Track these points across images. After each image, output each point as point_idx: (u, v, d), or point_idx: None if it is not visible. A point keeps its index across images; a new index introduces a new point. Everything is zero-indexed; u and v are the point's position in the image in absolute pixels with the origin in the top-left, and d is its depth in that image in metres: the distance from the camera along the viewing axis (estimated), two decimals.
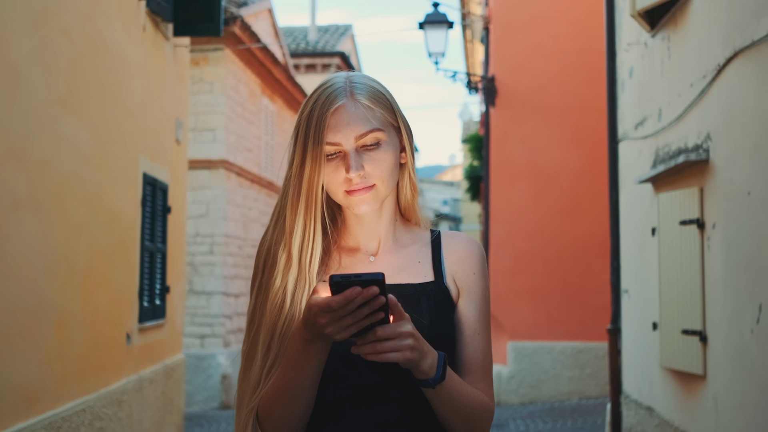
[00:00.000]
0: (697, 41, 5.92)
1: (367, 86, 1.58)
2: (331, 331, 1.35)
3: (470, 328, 1.61)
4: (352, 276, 1.32)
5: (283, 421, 1.52)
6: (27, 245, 4.62)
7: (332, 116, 1.52)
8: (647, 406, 7.24)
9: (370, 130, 1.53)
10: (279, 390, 1.50)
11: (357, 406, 1.53)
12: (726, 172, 5.38)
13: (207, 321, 12.11)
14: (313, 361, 1.45)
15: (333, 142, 1.52)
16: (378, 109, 1.56)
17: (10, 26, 4.41)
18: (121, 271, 6.39)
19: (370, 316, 1.33)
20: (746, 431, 5.03)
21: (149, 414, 7.04)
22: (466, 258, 1.64)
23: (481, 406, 1.56)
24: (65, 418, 5.13)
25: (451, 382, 1.48)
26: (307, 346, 1.43)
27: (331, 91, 1.55)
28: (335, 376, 1.53)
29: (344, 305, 1.31)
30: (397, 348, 1.36)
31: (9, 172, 4.36)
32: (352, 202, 1.55)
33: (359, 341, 1.37)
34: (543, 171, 11.79)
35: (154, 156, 7.28)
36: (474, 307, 1.62)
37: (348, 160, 1.52)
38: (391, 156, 1.56)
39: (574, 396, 11.42)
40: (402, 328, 1.36)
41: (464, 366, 1.60)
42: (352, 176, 1.52)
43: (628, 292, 8.03)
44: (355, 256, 1.64)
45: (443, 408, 1.51)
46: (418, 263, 1.64)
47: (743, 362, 5.06)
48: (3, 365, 4.32)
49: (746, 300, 5.00)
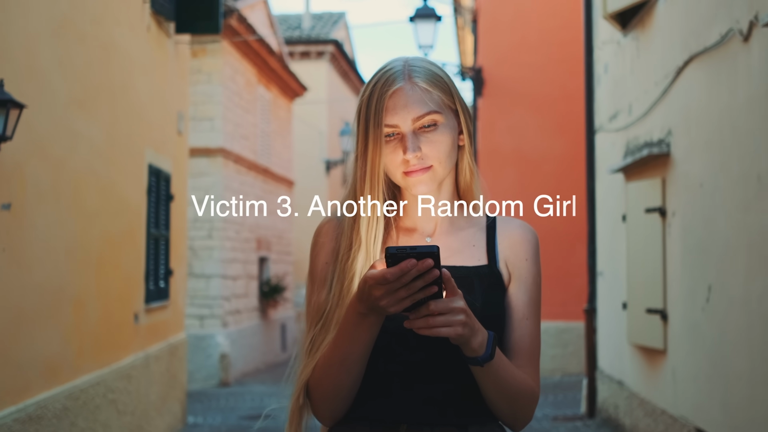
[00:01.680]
0: (661, 43, 6.42)
1: (425, 69, 1.60)
2: (386, 303, 1.38)
3: (519, 312, 1.62)
4: (407, 248, 1.33)
5: (332, 392, 1.55)
6: (49, 233, 5.12)
7: (390, 99, 1.56)
8: (618, 380, 7.78)
9: (427, 112, 1.56)
10: (330, 362, 1.53)
11: (406, 382, 1.55)
12: (684, 165, 5.90)
13: (206, 302, 12.63)
14: (365, 335, 1.48)
15: (391, 124, 1.56)
16: (435, 91, 1.59)
17: (35, 37, 4.89)
18: (129, 255, 6.89)
19: (424, 289, 1.36)
20: (699, 400, 5.58)
21: (155, 389, 7.56)
22: (519, 244, 1.66)
23: (527, 390, 1.58)
24: (83, 390, 5.65)
25: (499, 362, 1.50)
26: (361, 319, 1.46)
27: (390, 74, 1.58)
28: (386, 352, 1.55)
29: (399, 277, 1.33)
30: (449, 323, 1.38)
31: (34, 168, 4.86)
32: (410, 182, 1.58)
33: (412, 315, 1.39)
34: (528, 158, 12.30)
35: (158, 147, 7.77)
36: (524, 292, 1.64)
37: (405, 141, 1.56)
38: (449, 138, 1.59)
39: (557, 373, 11.98)
40: (454, 304, 1.39)
41: (512, 350, 1.61)
42: (409, 157, 1.55)
43: (603, 274, 8.56)
44: (412, 236, 1.66)
45: (490, 388, 1.53)
46: (473, 246, 1.66)
47: (696, 338, 5.60)
48: (30, 341, 4.83)
49: (699, 281, 5.53)
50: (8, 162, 4.46)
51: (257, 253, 14.77)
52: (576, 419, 8.65)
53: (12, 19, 4.61)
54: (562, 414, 8.96)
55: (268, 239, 15.45)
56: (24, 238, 4.73)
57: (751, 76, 4.63)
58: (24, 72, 4.71)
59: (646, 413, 6.78)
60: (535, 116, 12.29)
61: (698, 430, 5.56)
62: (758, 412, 4.56)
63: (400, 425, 1.55)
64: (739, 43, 4.78)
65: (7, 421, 4.45)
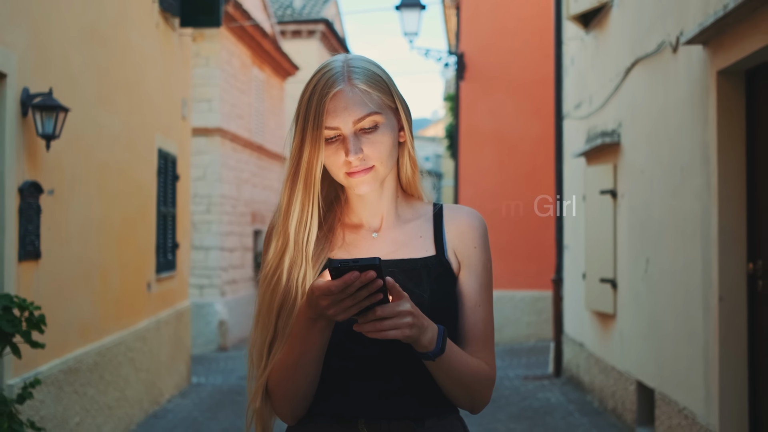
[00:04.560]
0: (614, 44, 7.26)
1: (365, 70, 1.60)
2: (333, 312, 1.42)
3: (471, 300, 1.64)
4: (350, 261, 1.37)
5: (290, 394, 1.59)
6: (81, 214, 5.97)
7: (331, 101, 1.56)
8: (580, 342, 8.71)
9: (368, 114, 1.57)
10: (286, 365, 1.56)
11: (361, 377, 1.58)
12: (630, 154, 6.77)
13: (205, 273, 13.50)
14: (317, 338, 1.52)
15: (332, 126, 1.57)
16: (375, 92, 1.59)
17: (70, 46, 5.71)
18: (142, 231, 7.74)
19: (369, 297, 1.40)
20: (639, 357, 6.49)
21: (165, 350, 8.44)
22: (467, 232, 1.67)
23: (481, 376, 1.61)
24: (108, 348, 6.53)
25: (450, 354, 1.54)
26: (312, 324, 1.50)
27: (330, 76, 1.58)
28: (340, 349, 1.57)
29: (343, 289, 1.37)
30: (397, 326, 1.42)
31: (69, 158, 5.69)
32: (353, 183, 1.60)
33: (360, 320, 1.43)
34: (506, 138, 13.15)
35: (166, 132, 8.60)
36: (475, 279, 1.65)
37: (347, 143, 1.56)
38: (389, 137, 1.60)
39: (532, 338, 12.92)
40: (400, 307, 1.42)
41: (466, 337, 1.64)
42: (352, 159, 1.56)
43: (568, 248, 9.46)
44: (359, 232, 1.68)
45: (444, 378, 1.56)
46: (420, 238, 1.67)
47: (637, 303, 6.50)
48: (68, 305, 5.69)
49: (639, 255, 6.43)
50: (53, 156, 5.29)
51: (252, 227, 15.62)
52: (544, 378, 9.58)
53: (53, 34, 5.43)
54: (532, 374, 9.89)
55: (262, 213, 16.29)
56: (63, 219, 5.58)
57: (678, 83, 5.48)
58: (62, 77, 5.53)
59: (600, 370, 7.71)
60: (513, 99, 13.12)
61: (638, 381, 6.49)
62: (680, 365, 5.47)
63: (358, 420, 1.58)
64: (670, 53, 5.63)
65: (54, 372, 5.33)
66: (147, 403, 7.66)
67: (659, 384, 5.92)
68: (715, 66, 4.80)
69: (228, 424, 7.43)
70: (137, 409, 7.34)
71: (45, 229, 5.20)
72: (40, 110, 4.89)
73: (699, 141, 5.06)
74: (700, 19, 4.94)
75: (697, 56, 5.07)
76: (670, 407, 5.63)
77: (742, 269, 4.74)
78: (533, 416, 7.55)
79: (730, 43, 4.57)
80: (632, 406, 6.63)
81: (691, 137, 5.20)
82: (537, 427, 7.12)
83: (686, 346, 5.34)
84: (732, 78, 4.77)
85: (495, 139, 13.16)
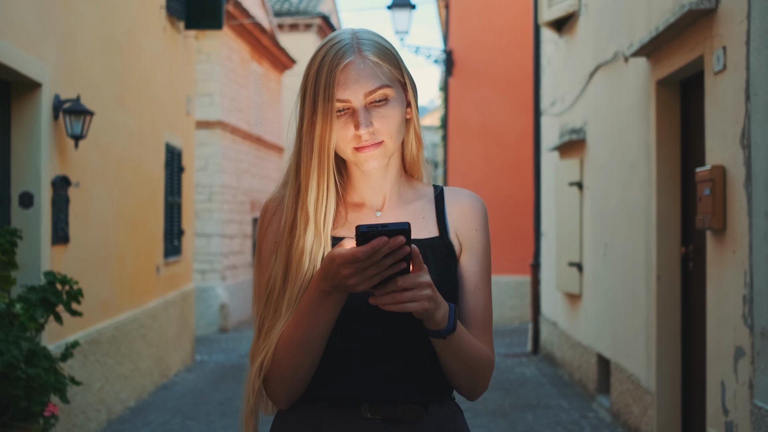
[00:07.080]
0: (581, 49, 7.99)
1: (375, 42, 1.57)
2: (355, 282, 1.36)
3: (472, 283, 1.61)
4: (378, 226, 1.32)
5: (291, 373, 1.52)
6: (101, 203, 6.71)
7: (341, 73, 1.51)
8: (553, 321, 9.47)
9: (379, 87, 1.53)
10: (291, 341, 1.50)
11: (365, 360, 1.53)
12: (593, 150, 7.52)
13: (207, 258, 14.25)
14: (328, 314, 1.46)
15: (342, 99, 1.52)
16: (386, 65, 1.55)
17: (92, 55, 6.45)
18: (152, 219, 8.49)
19: (392, 266, 1.35)
20: (599, 332, 7.26)
21: (172, 328, 9.20)
22: (469, 214, 1.64)
23: (485, 358, 1.59)
24: (124, 323, 7.29)
25: (460, 333, 1.51)
26: (324, 297, 1.44)
27: (339, 47, 1.53)
28: (344, 329, 1.52)
29: (370, 255, 1.32)
30: (416, 298, 1.37)
31: (91, 154, 6.43)
32: (361, 158, 1.55)
33: (378, 292, 1.37)
34: (493, 131, 13.89)
35: (173, 128, 9.33)
36: (476, 262, 1.62)
37: (357, 116, 1.52)
38: (399, 112, 1.56)
39: (516, 321, 13.70)
40: (421, 278, 1.38)
41: (466, 320, 1.61)
42: (362, 133, 1.51)
43: (545, 235, 10.21)
44: (361, 211, 1.63)
45: (451, 359, 1.53)
46: (423, 219, 1.63)
47: (598, 284, 7.26)
48: (91, 284, 6.44)
49: (599, 241, 7.19)
50: (79, 153, 6.04)
51: (251, 215, 16.38)
52: (523, 356, 10.35)
53: (78, 45, 6.16)
54: (512, 352, 10.66)
55: (260, 202, 17.03)
56: (87, 208, 6.32)
57: (628, 89, 6.23)
58: (87, 83, 6.26)
59: (570, 346, 8.48)
60: (499, 94, 13.85)
61: (598, 354, 7.26)
62: (628, 337, 6.24)
63: (361, 404, 1.54)
64: (622, 62, 6.37)
65: (80, 342, 6.08)
66: (157, 375, 8.43)
67: (614, 355, 6.69)
68: (654, 76, 5.54)
69: (231, 394, 8.20)
70: (148, 381, 8.11)
71: (72, 216, 5.94)
72: (70, 114, 5.63)
73: (643, 141, 5.80)
74: (643, 34, 5.67)
75: (642, 67, 5.81)
76: (622, 375, 6.40)
77: (676, 252, 5.50)
78: (508, 387, 8.32)
79: (665, 57, 5.31)
80: (594, 377, 7.40)
81: (638, 137, 5.95)
82: (510, 397, 7.88)
83: (633, 320, 6.10)
84: (669, 87, 5.52)
85: (482, 132, 13.89)
